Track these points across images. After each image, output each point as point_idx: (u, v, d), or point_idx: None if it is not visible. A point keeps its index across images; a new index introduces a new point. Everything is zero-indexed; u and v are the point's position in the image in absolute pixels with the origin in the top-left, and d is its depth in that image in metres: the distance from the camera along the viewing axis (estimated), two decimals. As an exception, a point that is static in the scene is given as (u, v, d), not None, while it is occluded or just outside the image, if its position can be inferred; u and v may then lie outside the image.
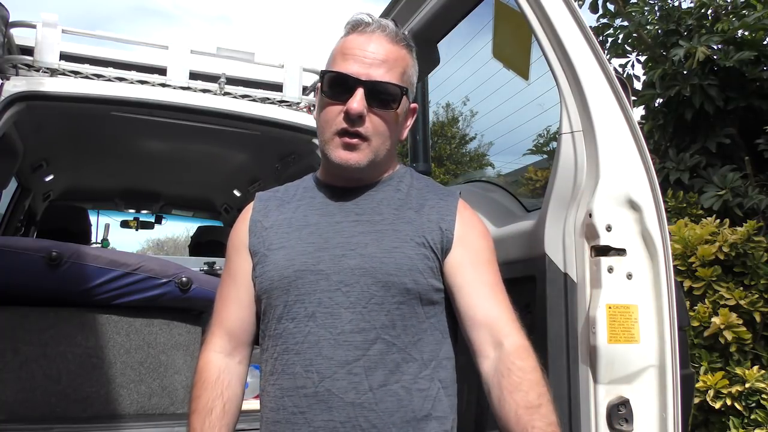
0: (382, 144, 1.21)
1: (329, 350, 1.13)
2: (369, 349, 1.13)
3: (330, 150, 1.21)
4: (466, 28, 1.85)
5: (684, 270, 2.96)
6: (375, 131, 1.19)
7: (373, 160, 1.20)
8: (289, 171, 3.37)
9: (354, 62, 1.19)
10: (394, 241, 1.18)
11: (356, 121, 1.17)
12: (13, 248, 1.99)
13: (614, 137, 1.30)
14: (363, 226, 1.20)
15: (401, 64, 1.22)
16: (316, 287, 1.16)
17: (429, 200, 1.25)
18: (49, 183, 4.14)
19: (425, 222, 1.21)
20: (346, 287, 1.14)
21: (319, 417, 1.11)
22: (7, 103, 2.25)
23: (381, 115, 1.19)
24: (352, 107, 1.16)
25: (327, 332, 1.13)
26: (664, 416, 1.23)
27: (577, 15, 1.34)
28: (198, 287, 2.17)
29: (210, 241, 4.92)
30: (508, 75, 1.80)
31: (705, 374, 2.79)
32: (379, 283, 1.14)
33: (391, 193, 1.26)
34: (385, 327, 1.13)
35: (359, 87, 1.17)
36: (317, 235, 1.20)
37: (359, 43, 1.21)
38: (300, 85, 2.91)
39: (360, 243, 1.17)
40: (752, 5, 4.18)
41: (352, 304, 1.14)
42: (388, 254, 1.16)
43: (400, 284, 1.14)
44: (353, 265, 1.15)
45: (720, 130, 4.14)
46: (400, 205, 1.24)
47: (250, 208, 1.35)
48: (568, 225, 1.31)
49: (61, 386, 1.98)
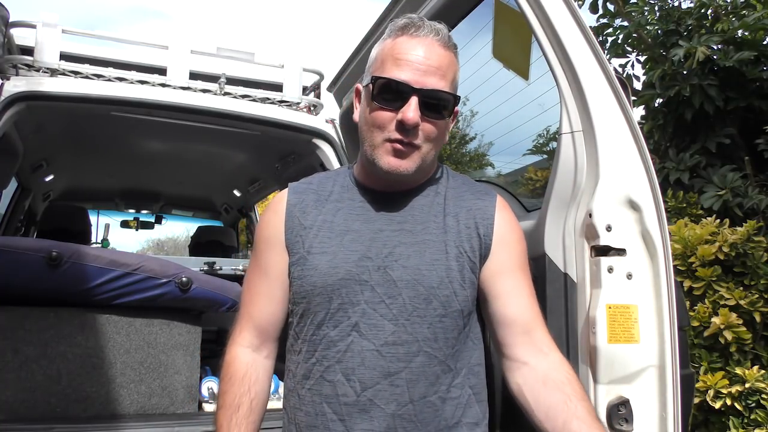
0: (431, 150, 1.20)
1: (372, 361, 1.13)
2: (411, 362, 1.14)
3: (378, 156, 1.18)
4: (466, 28, 1.85)
5: (684, 270, 2.96)
6: (426, 139, 1.18)
7: (420, 166, 1.19)
8: (289, 171, 3.36)
9: (408, 68, 1.15)
10: (435, 252, 1.18)
11: (411, 131, 1.15)
12: (13, 248, 1.99)
13: (614, 137, 1.30)
14: (405, 236, 1.20)
15: (452, 70, 1.20)
16: (360, 298, 1.16)
17: (466, 202, 1.25)
18: (49, 183, 4.14)
19: (463, 229, 1.21)
20: (389, 299, 1.15)
21: (359, 426, 1.12)
22: (7, 103, 2.25)
23: (433, 123, 1.17)
24: (408, 117, 1.13)
25: (370, 343, 1.14)
26: (664, 416, 1.23)
27: (577, 15, 1.34)
28: (198, 287, 2.17)
29: (210, 241, 4.92)
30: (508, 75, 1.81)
31: (705, 374, 2.79)
32: (421, 296, 1.15)
33: (431, 198, 1.25)
34: (427, 340, 1.14)
35: (414, 95, 1.14)
36: (359, 243, 1.19)
37: (411, 48, 1.16)
38: (300, 85, 2.91)
39: (403, 254, 1.17)
40: (752, 5, 4.18)
41: (394, 317, 1.14)
42: (430, 267, 1.16)
43: (443, 297, 1.15)
44: (396, 277, 1.16)
45: (720, 130, 4.14)
46: (439, 212, 1.23)
47: (283, 200, 1.30)
48: (568, 225, 1.31)
49: (61, 386, 1.98)
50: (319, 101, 2.95)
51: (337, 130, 2.78)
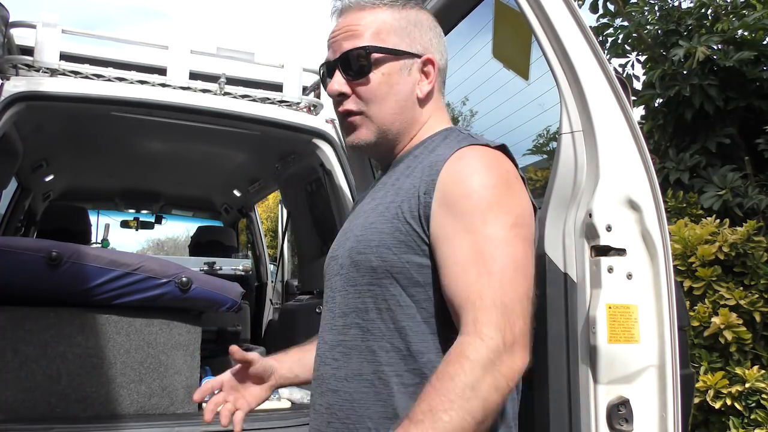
0: (381, 110, 1.13)
1: (324, 334, 1.15)
2: (346, 335, 1.08)
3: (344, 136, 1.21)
4: (466, 28, 1.85)
5: (684, 270, 2.96)
6: (364, 100, 1.13)
7: (380, 131, 1.14)
8: (289, 171, 3.36)
9: (330, 47, 1.18)
10: (374, 216, 1.09)
11: (340, 101, 1.16)
12: (13, 248, 1.99)
13: (614, 137, 1.30)
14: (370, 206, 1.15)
15: (371, 25, 1.14)
16: (333, 273, 1.16)
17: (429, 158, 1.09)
18: (49, 183, 4.14)
19: (408, 188, 1.07)
20: (341, 269, 1.12)
21: (317, 400, 1.13)
22: (7, 103, 2.25)
23: (360, 83, 1.13)
24: (328, 89, 1.16)
25: (327, 315, 1.15)
26: (664, 416, 1.23)
27: (577, 15, 1.33)
28: (198, 287, 2.17)
29: (210, 241, 4.92)
30: (508, 75, 1.81)
31: (705, 374, 2.79)
32: (354, 263, 1.08)
33: (409, 161, 1.14)
34: (358, 310, 1.06)
35: (335, 69, 1.15)
36: (351, 221, 1.21)
37: (331, 30, 1.18)
38: (300, 85, 2.90)
39: (358, 224, 1.14)
40: (752, 5, 4.18)
41: (341, 287, 1.12)
42: (364, 232, 1.08)
43: (366, 262, 1.05)
44: (347, 246, 1.12)
45: (720, 130, 4.14)
46: (402, 174, 1.12)
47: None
48: (568, 225, 1.31)
49: (61, 386, 1.98)
50: (319, 101, 2.95)
51: (337, 130, 2.77)
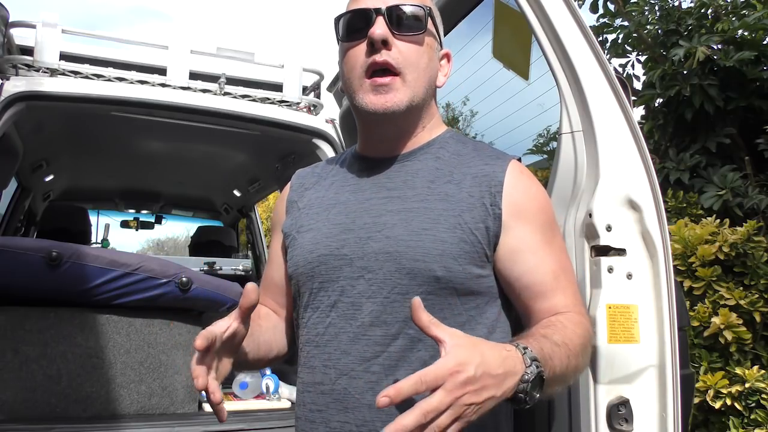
0: (418, 79, 1.06)
1: (347, 345, 1.01)
2: (390, 345, 0.99)
3: (361, 99, 1.06)
4: (466, 28, 1.85)
5: (684, 270, 2.96)
6: (406, 61, 1.04)
7: (411, 101, 1.06)
8: (289, 171, 3.36)
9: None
10: (424, 222, 1.02)
11: (382, 49, 1.02)
12: (13, 248, 1.99)
13: (614, 137, 1.30)
14: (393, 204, 1.06)
15: None
16: (339, 274, 1.05)
17: (473, 168, 1.07)
18: (49, 183, 4.14)
19: (465, 197, 1.04)
20: (369, 274, 1.02)
21: (335, 417, 1.01)
22: (7, 103, 2.25)
23: (409, 40, 1.04)
24: (374, 33, 1.02)
25: (347, 324, 1.02)
26: (664, 416, 1.23)
27: (577, 15, 1.33)
28: (198, 287, 2.17)
29: (210, 241, 4.93)
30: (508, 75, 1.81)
31: (705, 374, 2.79)
32: (404, 270, 1.00)
33: (429, 162, 1.10)
34: (409, 320, 0.96)
35: (377, 16, 1.04)
36: (344, 214, 1.09)
37: None
38: (300, 85, 2.91)
39: (387, 223, 1.04)
40: (752, 5, 4.18)
41: (374, 294, 1.01)
42: (416, 237, 1.01)
43: (428, 272, 0.99)
44: (377, 248, 1.02)
45: (720, 130, 4.14)
46: (437, 177, 1.07)
47: (288, 186, 1.26)
48: (568, 225, 1.31)
49: (61, 386, 1.98)
50: (319, 101, 2.95)
51: (337, 130, 2.78)
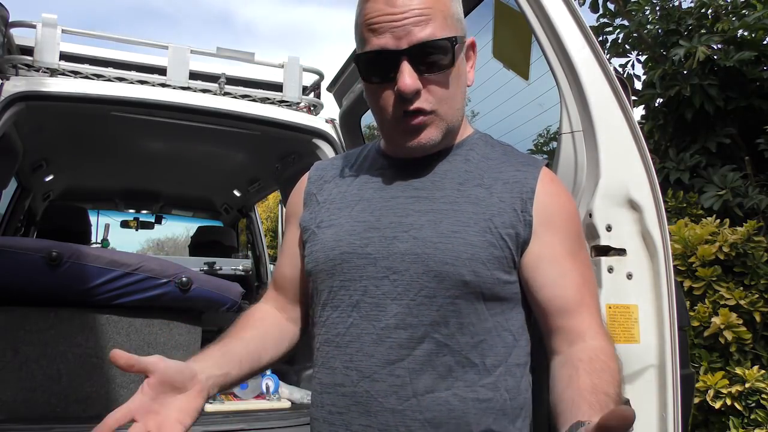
0: (452, 107, 1.04)
1: (371, 347, 0.99)
2: (415, 349, 0.97)
3: (396, 140, 1.06)
4: (466, 28, 1.84)
5: (684, 270, 2.96)
6: (438, 100, 1.01)
7: (447, 130, 1.05)
8: (289, 171, 3.36)
9: (384, 31, 0.98)
10: (453, 224, 1.00)
11: (413, 99, 0.99)
12: (13, 248, 1.99)
13: (614, 137, 1.30)
14: (421, 204, 1.04)
15: (440, 7, 1.00)
16: (362, 273, 1.02)
17: (504, 173, 1.06)
18: (49, 183, 4.14)
19: (496, 202, 1.02)
20: (395, 275, 0.99)
21: (357, 421, 0.99)
22: (7, 103, 2.25)
23: (438, 79, 1.01)
24: (404, 86, 0.97)
25: (370, 325, 1.00)
26: (664, 416, 1.23)
27: (577, 15, 1.33)
28: (198, 287, 2.17)
29: (210, 241, 4.92)
30: (508, 75, 1.81)
31: (705, 374, 2.79)
32: (431, 272, 0.98)
33: (459, 164, 1.08)
34: (435, 324, 0.97)
35: (402, 58, 0.98)
36: (369, 212, 1.06)
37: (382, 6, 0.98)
38: (300, 85, 2.91)
39: (414, 224, 1.01)
40: (752, 5, 4.18)
41: (399, 295, 0.99)
42: (445, 240, 0.99)
43: (456, 275, 0.97)
44: (404, 249, 1.00)
45: (720, 130, 4.14)
46: (466, 180, 1.06)
47: (305, 177, 1.22)
48: (568, 225, 1.30)
49: (61, 386, 1.98)
50: (319, 101, 2.95)
51: (337, 130, 2.78)
